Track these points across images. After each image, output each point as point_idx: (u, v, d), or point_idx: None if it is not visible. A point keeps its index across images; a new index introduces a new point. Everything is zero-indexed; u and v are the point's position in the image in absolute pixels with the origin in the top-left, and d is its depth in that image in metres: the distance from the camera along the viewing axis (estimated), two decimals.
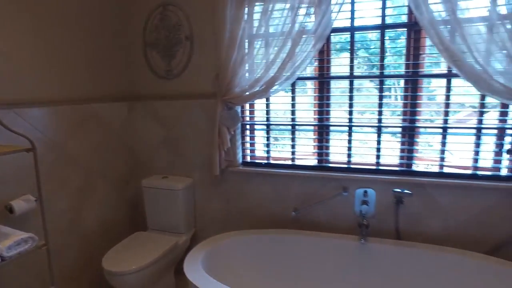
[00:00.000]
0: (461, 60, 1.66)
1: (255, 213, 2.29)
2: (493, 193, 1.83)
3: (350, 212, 2.05)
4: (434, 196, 1.93)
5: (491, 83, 1.63)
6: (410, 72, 1.93)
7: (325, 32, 1.88)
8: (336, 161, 2.16)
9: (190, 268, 1.64)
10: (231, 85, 2.06)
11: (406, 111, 1.98)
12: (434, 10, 1.66)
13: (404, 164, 2.02)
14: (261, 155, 2.35)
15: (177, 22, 2.22)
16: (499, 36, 1.58)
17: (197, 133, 2.33)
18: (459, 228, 1.91)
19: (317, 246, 2.00)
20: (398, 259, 1.87)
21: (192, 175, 2.40)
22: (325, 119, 2.13)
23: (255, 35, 2.01)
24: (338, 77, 2.10)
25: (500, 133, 1.87)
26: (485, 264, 1.71)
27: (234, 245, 2.00)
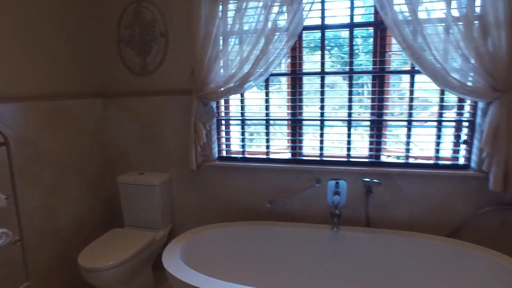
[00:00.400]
0: (422, 58, 1.78)
1: (232, 207, 2.34)
2: (452, 180, 1.98)
3: (323, 202, 2.14)
4: (401, 185, 2.05)
5: (448, 79, 1.77)
6: (377, 68, 2.04)
7: (297, 29, 1.95)
8: (309, 154, 2.25)
9: (168, 260, 1.67)
10: (206, 81, 2.10)
11: (374, 106, 2.09)
12: (397, 11, 1.77)
13: (373, 155, 2.14)
14: (237, 150, 2.40)
15: (152, 18, 2.23)
16: (454, 36, 1.72)
17: (173, 129, 2.35)
18: (423, 214, 2.04)
19: (292, 236, 2.08)
20: (368, 245, 1.98)
21: (169, 171, 2.41)
22: (298, 114, 2.21)
23: (230, 32, 2.06)
24: (310, 73, 2.18)
25: (457, 125, 2.02)
26: (447, 246, 1.85)
27: (211, 238, 2.05)
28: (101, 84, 2.41)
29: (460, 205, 1.99)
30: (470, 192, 1.96)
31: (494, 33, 1.65)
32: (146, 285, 2.28)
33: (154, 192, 2.27)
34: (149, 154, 2.45)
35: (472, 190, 1.95)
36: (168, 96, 2.31)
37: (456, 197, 1.99)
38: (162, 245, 2.33)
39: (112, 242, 2.13)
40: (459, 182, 1.97)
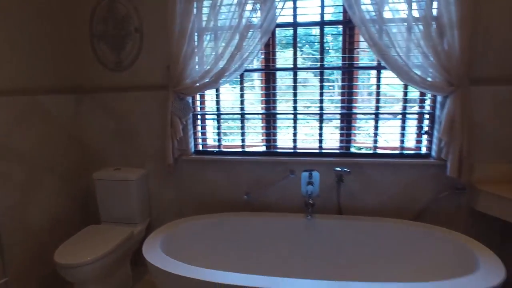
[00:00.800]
0: (387, 54, 1.91)
1: (209, 199, 2.39)
2: (416, 168, 2.14)
3: (297, 192, 2.24)
4: (369, 174, 2.19)
5: (410, 75, 1.91)
6: (346, 64, 2.16)
7: (270, 26, 2.03)
8: (283, 146, 2.34)
9: (149, 252, 1.70)
10: (182, 77, 2.13)
11: (343, 100, 2.21)
12: (364, 10, 1.89)
13: (343, 147, 2.26)
14: (213, 144, 2.45)
15: (125, 14, 2.22)
16: (415, 35, 1.86)
17: (149, 124, 2.36)
18: (390, 200, 2.20)
19: (268, 225, 2.17)
20: (340, 231, 2.10)
21: (145, 166, 2.43)
22: (272, 108, 2.29)
23: (205, 28, 2.10)
24: (283, 69, 2.26)
25: (419, 118, 2.18)
26: (412, 228, 2.00)
27: (191, 229, 2.09)
28: (75, 79, 2.37)
29: (422, 191, 2.16)
30: (431, 178, 2.13)
31: (448, 33, 1.81)
32: (125, 280, 2.29)
33: (131, 187, 2.28)
34: (125, 150, 2.45)
35: (433, 176, 2.12)
36: (144, 91, 2.32)
37: (419, 183, 2.15)
38: (140, 240, 2.34)
39: (89, 238, 2.12)
40: (422, 169, 2.14)
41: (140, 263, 2.48)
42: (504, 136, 2.00)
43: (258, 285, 1.43)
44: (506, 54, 1.92)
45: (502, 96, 1.96)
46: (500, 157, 2.03)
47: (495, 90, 1.96)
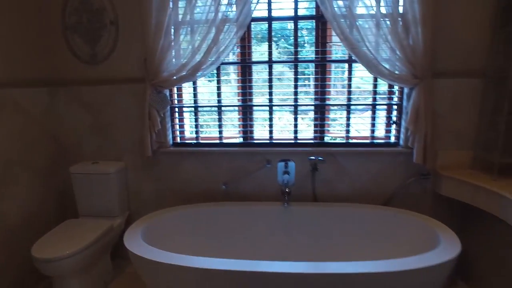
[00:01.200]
0: (357, 49, 2.01)
1: (188, 191, 2.43)
2: (385, 156, 2.27)
3: (274, 182, 2.32)
4: (342, 163, 2.30)
5: (379, 68, 2.02)
6: (319, 57, 2.25)
7: (245, 20, 2.08)
8: (260, 137, 2.41)
9: (130, 241, 1.73)
10: (159, 70, 2.15)
11: (317, 92, 2.30)
12: (335, 6, 1.97)
13: (317, 137, 2.36)
14: (190, 136, 2.48)
15: (100, 6, 2.20)
16: (383, 31, 1.97)
17: (126, 117, 2.36)
18: (362, 187, 2.32)
19: (246, 214, 2.25)
20: (316, 217, 2.21)
21: (123, 159, 2.43)
22: (248, 101, 2.35)
23: (181, 22, 2.12)
24: (259, 62, 2.32)
25: (388, 108, 2.31)
26: (382, 212, 2.14)
27: (170, 219, 2.14)
28: (48, 72, 2.32)
29: (391, 178, 2.29)
30: (399, 165, 2.27)
31: (413, 29, 1.93)
32: (105, 273, 2.31)
33: (109, 180, 2.29)
34: (102, 144, 2.44)
35: (401, 164, 2.26)
36: (121, 84, 2.31)
37: (389, 170, 2.28)
38: (120, 233, 2.36)
39: (68, 232, 2.12)
40: (391, 157, 2.27)
41: (120, 256, 2.51)
42: (463, 125, 2.16)
43: (237, 268, 1.50)
44: (464, 49, 2.06)
45: (461, 88, 2.11)
46: (460, 145, 2.19)
47: (455, 82, 2.11)
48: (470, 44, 2.05)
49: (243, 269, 1.50)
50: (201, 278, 1.55)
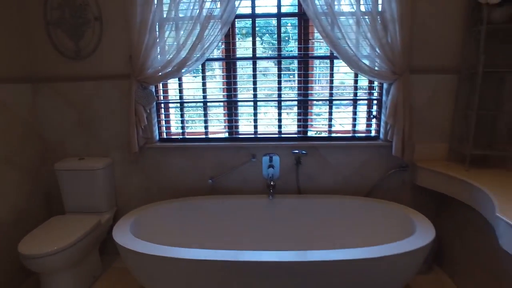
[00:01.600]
0: (338, 45, 2.07)
1: (175, 185, 2.47)
2: (366, 150, 2.36)
3: (259, 175, 2.39)
4: (325, 156, 2.38)
5: (359, 64, 2.09)
6: (302, 54, 2.30)
7: (230, 18, 2.11)
8: (245, 132, 2.46)
9: (118, 234, 1.77)
10: (144, 67, 2.17)
11: (300, 87, 2.36)
12: (317, 4, 2.03)
13: (301, 131, 2.42)
14: (176, 132, 2.51)
15: (83, 1, 2.19)
16: (363, 28, 2.04)
17: (112, 113, 2.37)
18: (345, 179, 2.41)
19: (233, 207, 2.30)
20: (299, 208, 2.28)
21: (110, 155, 2.44)
22: (233, 96, 2.40)
23: (166, 18, 2.14)
24: (243, 58, 2.36)
25: (369, 103, 2.39)
26: (364, 203, 2.24)
27: (158, 213, 2.18)
28: (31, 68, 2.31)
29: (372, 170, 2.38)
30: (380, 158, 2.36)
31: (391, 27, 2.01)
32: (94, 268, 2.33)
33: (96, 176, 2.30)
34: (88, 140, 2.44)
35: (381, 156, 2.36)
36: (106, 80, 2.32)
37: (369, 163, 2.37)
38: (108, 228, 2.39)
39: (55, 228, 2.13)
40: (372, 151, 2.36)
41: (109, 252, 2.54)
42: (439, 119, 2.26)
43: (224, 258, 1.56)
44: (440, 46, 2.16)
45: (437, 84, 2.21)
46: (436, 138, 2.29)
47: (431, 78, 2.20)
48: (445, 42, 2.15)
49: (230, 259, 1.56)
50: (189, 269, 1.60)
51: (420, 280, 2.25)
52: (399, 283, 1.74)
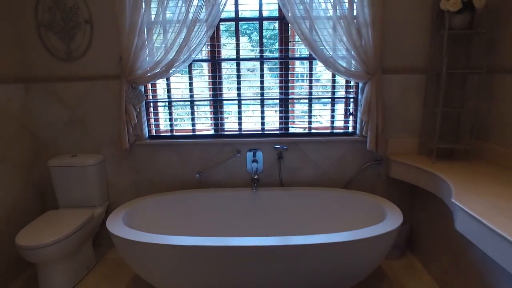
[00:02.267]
0: (316, 48, 2.23)
1: (164, 180, 2.60)
2: (344, 145, 2.53)
3: (244, 169, 2.54)
4: (305, 151, 2.54)
5: (336, 65, 2.25)
6: (283, 55, 2.46)
7: (214, 21, 2.24)
8: (230, 129, 2.60)
9: (112, 225, 1.90)
10: (134, 68, 2.28)
11: (281, 87, 2.51)
12: (295, 9, 2.18)
13: (282, 128, 2.58)
14: (165, 129, 2.64)
15: (74, 5, 2.29)
16: (339, 32, 2.20)
17: (103, 112, 2.48)
18: (324, 172, 2.58)
19: (219, 199, 2.45)
20: (282, 200, 2.45)
21: (101, 152, 2.56)
22: (219, 95, 2.54)
23: (154, 22, 2.25)
24: (227, 59, 2.50)
25: (346, 101, 2.56)
26: (340, 194, 2.41)
27: (149, 205, 2.31)
28: (23, 69, 2.40)
29: (350, 163, 2.56)
30: (356, 152, 2.54)
31: (364, 31, 2.17)
32: (88, 260, 2.44)
33: (89, 172, 2.42)
34: (80, 138, 2.54)
35: (358, 151, 2.53)
36: (97, 81, 2.42)
37: (347, 157, 2.55)
38: (100, 222, 2.51)
39: (50, 222, 2.24)
40: (349, 145, 2.53)
41: (101, 244, 2.66)
42: (410, 116, 2.45)
43: (212, 244, 1.71)
44: (410, 49, 2.33)
45: (408, 83, 2.39)
46: (408, 133, 2.48)
47: (402, 78, 2.38)
48: (414, 45, 2.33)
49: (217, 244, 1.71)
50: (179, 254, 1.75)
51: (394, 264, 2.45)
52: (371, 264, 1.92)
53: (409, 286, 2.21)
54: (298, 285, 1.84)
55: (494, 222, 1.29)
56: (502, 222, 1.28)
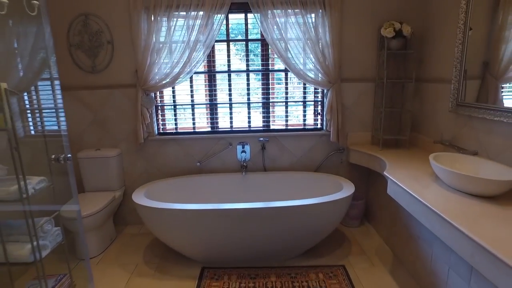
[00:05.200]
0: (290, 63, 2.90)
1: (170, 168, 3.23)
2: (314, 138, 3.21)
3: (235, 158, 3.19)
4: (283, 143, 3.21)
5: (305, 76, 2.93)
6: (264, 68, 3.12)
7: (211, 43, 2.89)
8: (223, 126, 3.25)
9: (137, 198, 2.52)
10: (147, 79, 2.90)
11: (264, 92, 3.18)
12: (273, 33, 2.85)
13: (265, 125, 3.25)
14: (171, 127, 3.27)
15: (98, 29, 2.90)
16: (307, 51, 2.88)
17: (120, 114, 3.09)
18: (298, 160, 3.25)
19: (215, 181, 3.10)
20: (265, 181, 3.11)
21: (119, 146, 3.16)
22: (214, 100, 3.18)
23: (164, 42, 2.88)
24: (221, 72, 3.15)
25: (315, 104, 3.25)
26: (312, 175, 3.09)
27: (162, 186, 2.93)
28: None
29: (318, 153, 3.25)
30: (323, 144, 3.22)
31: (326, 50, 2.86)
32: (110, 233, 3.04)
33: (110, 162, 3.02)
34: (101, 135, 3.14)
35: (324, 142, 3.22)
36: (116, 89, 3.03)
37: (316, 148, 3.23)
38: (119, 202, 3.11)
39: (84, 201, 2.83)
40: (317, 138, 3.22)
41: (119, 222, 3.26)
42: (362, 115, 3.15)
43: (212, 207, 2.36)
44: (362, 63, 3.04)
45: (361, 89, 3.09)
46: (361, 128, 3.18)
47: (357, 85, 3.08)
48: (365, 60, 3.03)
49: (216, 208, 2.36)
50: (188, 217, 2.38)
51: (354, 231, 3.15)
52: (332, 222, 2.60)
53: (364, 244, 2.91)
54: (278, 239, 2.51)
55: (408, 185, 1.96)
56: (414, 186, 1.95)
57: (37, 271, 1.86)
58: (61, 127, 2.22)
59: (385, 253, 2.76)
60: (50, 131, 2.41)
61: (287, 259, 2.65)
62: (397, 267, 2.54)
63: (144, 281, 2.46)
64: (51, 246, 1.98)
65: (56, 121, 2.24)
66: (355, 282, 2.38)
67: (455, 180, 1.82)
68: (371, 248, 2.84)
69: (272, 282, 2.38)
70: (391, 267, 2.56)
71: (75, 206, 2.15)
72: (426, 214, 1.71)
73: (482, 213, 1.56)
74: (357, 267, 2.57)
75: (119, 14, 2.88)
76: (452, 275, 1.92)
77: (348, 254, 2.76)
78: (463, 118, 2.32)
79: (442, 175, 1.93)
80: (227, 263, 2.60)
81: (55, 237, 2.05)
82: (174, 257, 2.74)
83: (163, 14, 2.82)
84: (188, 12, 2.81)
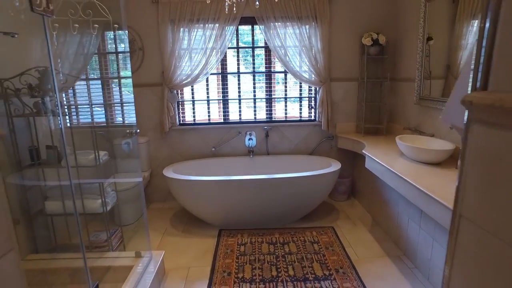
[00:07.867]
0: (288, 66, 3.57)
1: (190, 153, 3.87)
2: (308, 127, 3.88)
3: (243, 144, 3.85)
4: (283, 132, 3.88)
5: (301, 77, 3.60)
6: (267, 70, 3.79)
7: (224, 49, 3.54)
8: (233, 118, 3.91)
9: (167, 173, 3.17)
10: (172, 79, 3.55)
11: (267, 90, 3.84)
12: (275, 41, 3.51)
13: (268, 117, 3.91)
14: (190, 119, 3.91)
15: (132, 38, 3.54)
16: (302, 56, 3.55)
17: (149, 108, 3.73)
18: (296, 146, 3.92)
19: (227, 163, 3.75)
20: (268, 163, 3.77)
21: (147, 135, 3.80)
22: (226, 96, 3.84)
23: (186, 49, 3.53)
24: (232, 73, 3.81)
25: (309, 99, 3.92)
26: (307, 157, 3.75)
27: (184, 166, 3.58)
28: None
29: (312, 139, 3.91)
30: (316, 132, 3.89)
31: (318, 55, 3.53)
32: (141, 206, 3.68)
33: (140, 148, 3.66)
34: None
35: (317, 131, 3.89)
36: (145, 87, 3.67)
37: (310, 135, 3.90)
38: (147, 181, 3.76)
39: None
40: (311, 128, 3.88)
41: (146, 200, 3.91)
42: (348, 108, 3.82)
43: (226, 178, 3.02)
44: (348, 66, 3.70)
45: (347, 87, 3.76)
46: (348, 119, 3.85)
47: (343, 84, 3.75)
48: (350, 63, 3.70)
49: (231, 178, 3.02)
50: (211, 187, 3.04)
51: (342, 204, 3.82)
52: (322, 193, 3.27)
53: (349, 212, 3.59)
54: (280, 206, 3.17)
55: (380, 158, 2.63)
56: (385, 159, 2.62)
57: (105, 220, 2.51)
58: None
59: (366, 218, 3.44)
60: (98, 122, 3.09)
61: (287, 223, 3.31)
62: (374, 227, 3.22)
63: (174, 239, 3.11)
64: (111, 203, 2.63)
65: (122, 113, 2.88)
66: (341, 237, 3.05)
67: (411, 152, 2.50)
68: (355, 215, 3.52)
69: (276, 237, 3.05)
70: (370, 227, 3.24)
71: (139, 178, 2.78)
72: (392, 178, 2.37)
73: (428, 173, 2.24)
74: (343, 227, 3.25)
75: (149, 26, 3.52)
76: (411, 224, 2.60)
77: (336, 219, 3.43)
78: (424, 108, 3.00)
79: (404, 150, 2.61)
80: (239, 226, 3.26)
81: (112, 198, 2.69)
82: (196, 223, 3.39)
83: (186, 26, 3.47)
84: (206, 25, 3.47)
